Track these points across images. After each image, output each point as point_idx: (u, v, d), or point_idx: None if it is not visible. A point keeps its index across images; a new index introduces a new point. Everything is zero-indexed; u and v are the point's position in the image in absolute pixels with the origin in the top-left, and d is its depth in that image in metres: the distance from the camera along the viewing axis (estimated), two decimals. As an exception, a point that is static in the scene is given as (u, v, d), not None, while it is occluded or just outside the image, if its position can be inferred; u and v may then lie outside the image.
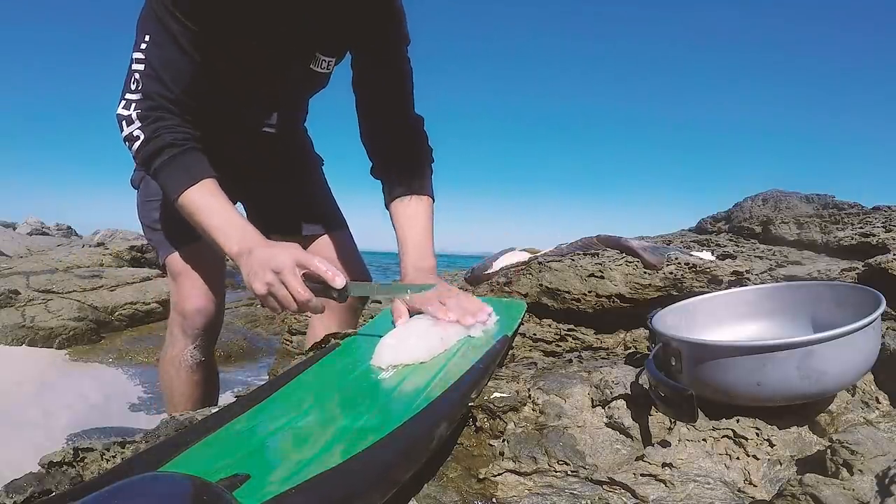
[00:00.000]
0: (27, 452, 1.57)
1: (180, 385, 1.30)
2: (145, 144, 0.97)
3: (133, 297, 3.54)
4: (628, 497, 0.58)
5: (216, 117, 1.17)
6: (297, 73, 1.20)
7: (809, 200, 2.97)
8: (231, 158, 1.24)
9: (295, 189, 1.39)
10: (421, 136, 1.22)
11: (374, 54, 1.17)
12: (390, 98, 1.19)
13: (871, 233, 1.96)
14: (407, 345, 0.83)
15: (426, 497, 0.61)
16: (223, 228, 0.95)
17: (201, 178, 0.97)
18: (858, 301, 0.73)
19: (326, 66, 1.21)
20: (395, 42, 1.17)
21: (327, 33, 1.15)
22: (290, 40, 1.12)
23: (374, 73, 1.18)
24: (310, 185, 1.44)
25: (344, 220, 1.47)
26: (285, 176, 1.38)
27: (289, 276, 0.87)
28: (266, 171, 1.35)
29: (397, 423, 0.62)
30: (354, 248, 1.45)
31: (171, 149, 0.97)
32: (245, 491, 0.51)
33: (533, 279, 1.31)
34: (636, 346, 1.05)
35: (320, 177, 1.48)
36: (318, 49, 1.17)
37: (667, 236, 3.12)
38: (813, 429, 0.68)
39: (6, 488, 0.59)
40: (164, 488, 0.46)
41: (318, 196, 1.45)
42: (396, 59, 1.18)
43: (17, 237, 7.47)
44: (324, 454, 0.57)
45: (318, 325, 1.38)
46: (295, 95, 1.34)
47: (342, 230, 1.44)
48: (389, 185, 1.19)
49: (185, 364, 1.28)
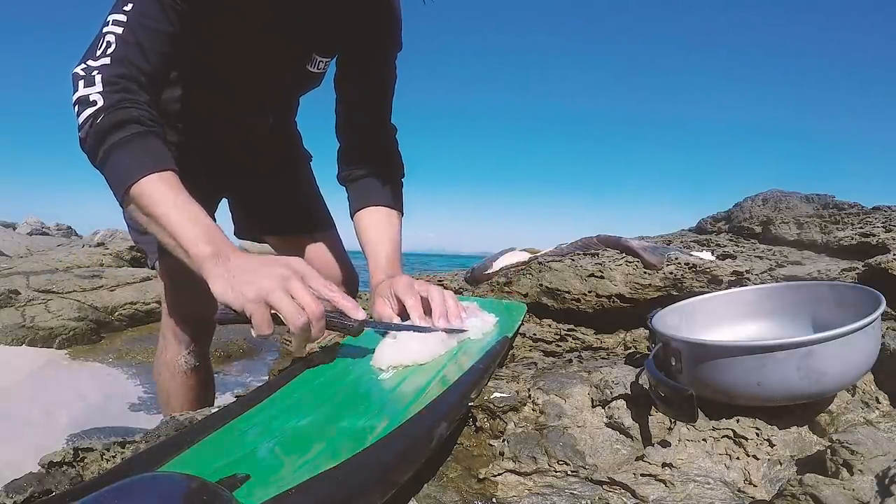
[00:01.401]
0: (27, 452, 1.57)
1: (175, 389, 1.28)
2: (103, 113, 0.80)
3: (133, 297, 3.54)
4: (628, 497, 0.58)
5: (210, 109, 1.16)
6: (292, 73, 1.19)
7: (809, 200, 2.97)
8: (222, 151, 1.22)
9: (284, 185, 1.37)
10: (394, 146, 1.20)
11: (363, 58, 1.15)
12: (370, 105, 1.17)
13: (871, 233, 1.96)
14: (407, 346, 0.83)
15: (426, 497, 0.61)
16: (190, 226, 0.79)
17: (166, 167, 0.82)
18: (858, 301, 0.73)
19: (322, 67, 1.20)
20: (387, 48, 1.15)
21: (324, 34, 1.14)
22: (287, 39, 1.10)
23: (359, 77, 1.16)
24: (299, 183, 1.42)
25: (332, 219, 1.46)
26: (276, 171, 1.36)
27: (297, 283, 0.74)
28: (257, 166, 1.34)
29: (397, 423, 0.62)
30: (343, 248, 1.43)
31: (135, 125, 0.81)
32: (245, 491, 0.51)
33: (533, 279, 1.31)
34: (636, 346, 1.05)
35: (309, 174, 1.47)
36: (315, 49, 1.15)
37: (667, 236, 3.12)
38: (813, 429, 0.68)
39: (6, 488, 0.59)
40: (163, 488, 0.46)
41: (308, 194, 1.43)
42: (383, 65, 1.16)
43: (17, 237, 7.48)
44: (323, 454, 0.57)
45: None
46: (289, 93, 1.33)
47: (331, 229, 1.42)
48: (359, 193, 1.14)
49: (180, 369, 1.27)
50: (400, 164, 1.19)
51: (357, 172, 1.15)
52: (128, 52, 0.85)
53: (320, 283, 0.78)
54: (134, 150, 0.81)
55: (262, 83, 1.20)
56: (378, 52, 1.15)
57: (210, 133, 1.21)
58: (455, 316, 0.90)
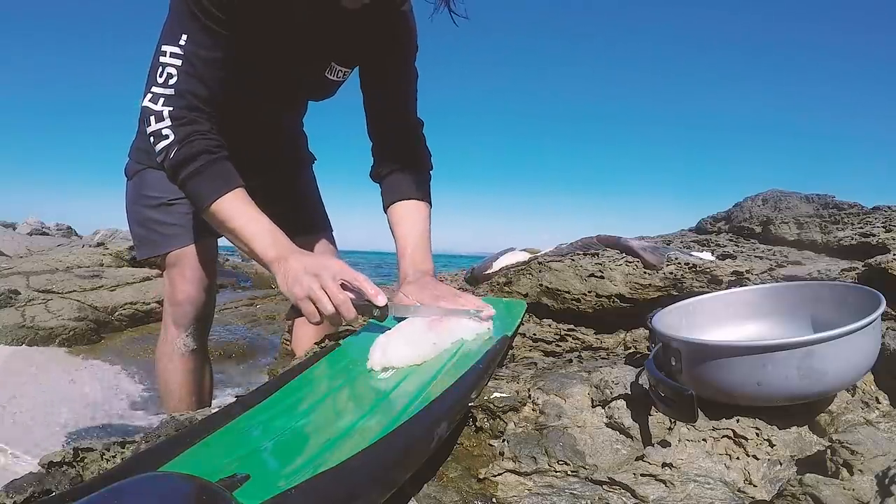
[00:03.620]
0: (27, 452, 1.57)
1: (174, 373, 1.32)
2: (176, 147, 0.96)
3: (133, 297, 3.54)
4: (628, 497, 0.58)
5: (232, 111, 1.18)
6: (310, 80, 1.23)
7: (809, 200, 2.97)
8: (235, 152, 1.25)
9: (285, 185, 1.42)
10: (421, 142, 1.26)
11: (383, 65, 1.20)
12: (394, 106, 1.23)
13: (871, 233, 1.96)
14: (396, 349, 0.83)
15: (426, 497, 0.61)
16: (260, 235, 0.98)
17: (235, 186, 0.99)
18: (858, 301, 0.73)
19: (342, 76, 1.24)
20: (404, 54, 1.20)
21: (343, 45, 1.17)
22: (307, 47, 1.13)
23: (381, 83, 1.22)
24: (299, 184, 1.47)
25: (329, 222, 1.51)
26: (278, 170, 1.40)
27: (328, 280, 0.90)
28: (262, 166, 1.37)
29: (397, 422, 0.62)
30: (336, 252, 1.49)
31: (206, 155, 0.97)
32: (245, 491, 0.51)
33: (533, 279, 1.31)
34: (636, 346, 1.05)
35: (310, 176, 1.52)
36: (334, 58, 1.19)
37: (667, 236, 3.12)
38: (813, 429, 0.68)
39: (6, 488, 0.59)
40: (163, 488, 0.46)
41: (307, 196, 1.48)
42: (403, 69, 1.22)
43: (17, 237, 7.48)
44: (324, 454, 0.57)
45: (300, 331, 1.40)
46: (304, 99, 1.37)
47: (327, 232, 1.48)
48: (389, 188, 1.21)
49: (178, 352, 1.31)
50: (427, 157, 1.26)
51: (387, 169, 1.22)
52: (189, 84, 0.98)
53: (350, 276, 0.94)
54: (207, 177, 0.98)
55: (280, 90, 1.24)
56: (396, 58, 1.20)
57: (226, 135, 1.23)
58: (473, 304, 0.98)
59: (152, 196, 1.27)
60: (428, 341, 0.86)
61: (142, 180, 1.28)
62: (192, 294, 1.28)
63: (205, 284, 1.29)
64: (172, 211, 1.26)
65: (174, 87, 0.97)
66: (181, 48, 0.97)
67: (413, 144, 1.24)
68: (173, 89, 0.97)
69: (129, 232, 1.37)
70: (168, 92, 0.97)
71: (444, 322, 0.92)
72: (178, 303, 1.28)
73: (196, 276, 1.27)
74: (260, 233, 0.98)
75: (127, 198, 1.33)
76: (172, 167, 0.98)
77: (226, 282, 4.97)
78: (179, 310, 1.29)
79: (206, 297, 1.30)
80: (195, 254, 1.27)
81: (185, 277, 1.27)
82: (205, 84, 0.99)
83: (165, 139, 0.97)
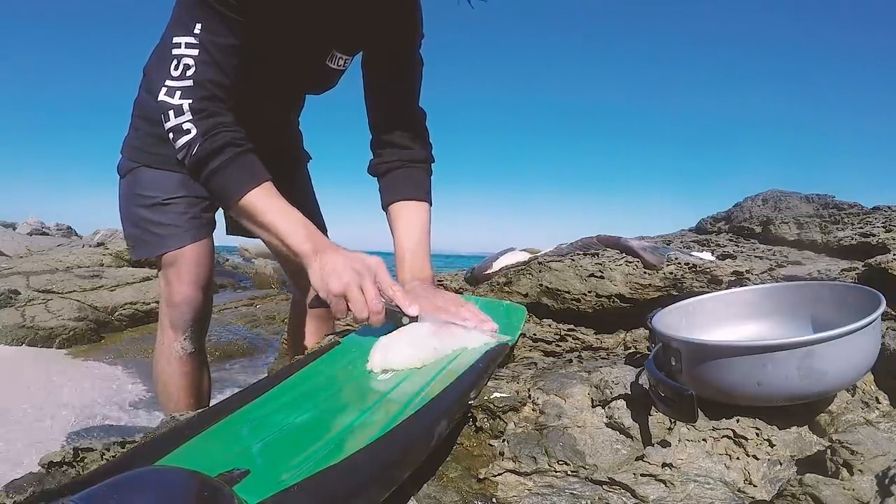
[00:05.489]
0: (27, 452, 1.57)
1: (172, 376, 1.30)
2: (200, 141, 0.93)
3: (133, 297, 3.54)
4: (628, 497, 0.58)
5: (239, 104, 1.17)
6: (312, 69, 1.19)
7: (809, 200, 2.97)
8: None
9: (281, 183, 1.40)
10: (423, 135, 1.21)
11: (386, 53, 1.16)
12: (396, 96, 1.19)
13: (871, 233, 1.96)
14: (397, 351, 0.83)
15: (426, 497, 0.61)
16: (293, 227, 0.95)
17: (263, 179, 0.96)
18: (858, 301, 0.73)
19: (343, 64, 1.20)
20: (408, 40, 1.17)
21: (345, 31, 1.14)
22: (307, 35, 1.11)
23: (384, 71, 1.18)
24: (295, 182, 1.44)
25: (323, 221, 1.49)
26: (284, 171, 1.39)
27: (368, 282, 0.88)
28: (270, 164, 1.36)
29: (397, 420, 0.62)
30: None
31: (232, 148, 0.94)
32: (245, 486, 0.51)
33: (533, 279, 1.31)
34: (636, 346, 1.05)
35: (306, 174, 1.50)
36: (336, 45, 1.16)
37: (667, 236, 3.12)
38: (813, 429, 0.68)
39: (6, 488, 0.59)
40: (163, 482, 0.46)
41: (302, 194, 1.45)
42: (407, 56, 1.18)
43: (17, 237, 7.48)
44: (324, 451, 0.57)
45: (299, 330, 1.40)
46: (305, 90, 1.34)
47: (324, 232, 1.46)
48: (388, 186, 1.18)
49: (176, 354, 1.29)
50: (429, 152, 1.22)
51: (387, 165, 1.18)
52: (207, 73, 0.94)
53: (387, 283, 0.91)
54: (233, 171, 0.94)
55: (285, 80, 1.21)
56: (400, 45, 1.16)
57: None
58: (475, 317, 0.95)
59: (147, 195, 1.24)
60: (430, 346, 0.86)
61: (136, 179, 1.25)
62: (189, 295, 1.25)
63: (202, 285, 1.27)
64: (168, 211, 1.23)
65: (192, 78, 0.93)
66: (196, 37, 0.93)
67: (414, 138, 1.20)
68: (192, 80, 0.93)
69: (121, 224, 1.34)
70: (185, 84, 0.93)
71: (450, 329, 0.91)
72: (175, 305, 1.26)
73: (193, 278, 1.25)
74: (294, 226, 0.95)
75: (120, 197, 1.30)
76: (196, 162, 0.94)
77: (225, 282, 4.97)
78: (176, 312, 1.27)
79: (204, 298, 1.28)
80: (192, 255, 1.25)
81: (181, 279, 1.24)
82: (224, 72, 0.95)
83: (187, 134, 0.93)
